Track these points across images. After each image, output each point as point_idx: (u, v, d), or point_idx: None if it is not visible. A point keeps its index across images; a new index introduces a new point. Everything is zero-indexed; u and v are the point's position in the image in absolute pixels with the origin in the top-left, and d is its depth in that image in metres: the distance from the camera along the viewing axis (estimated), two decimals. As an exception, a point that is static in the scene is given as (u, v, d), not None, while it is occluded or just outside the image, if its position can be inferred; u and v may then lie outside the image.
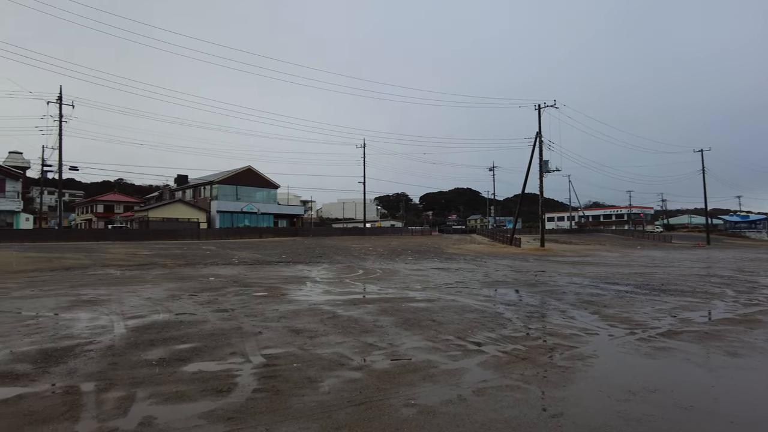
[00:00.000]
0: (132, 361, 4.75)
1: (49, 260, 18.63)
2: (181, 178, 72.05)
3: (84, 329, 6.28)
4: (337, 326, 6.47)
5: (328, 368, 4.51)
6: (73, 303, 8.53)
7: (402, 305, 8.32)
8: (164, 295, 9.62)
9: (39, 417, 3.33)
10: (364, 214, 68.36)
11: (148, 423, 3.23)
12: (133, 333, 6.04)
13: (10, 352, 5.10)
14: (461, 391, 3.91)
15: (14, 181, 50.43)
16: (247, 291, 10.29)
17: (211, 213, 59.73)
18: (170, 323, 6.67)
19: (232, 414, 3.39)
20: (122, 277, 13.37)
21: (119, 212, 74.75)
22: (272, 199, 67.13)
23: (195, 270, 15.61)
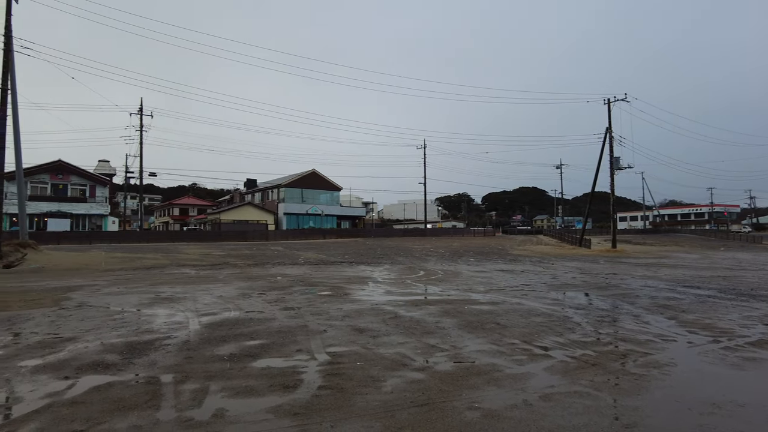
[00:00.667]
0: (205, 355, 5.02)
1: (132, 260, 20.10)
2: (250, 182, 75.27)
3: (163, 324, 6.72)
4: (399, 327, 6.50)
5: (391, 368, 4.54)
6: (153, 300, 9.15)
7: (465, 307, 8.22)
8: (235, 293, 10.09)
9: (126, 404, 3.60)
10: (425, 215, 68.18)
11: (221, 415, 3.40)
12: (206, 329, 6.38)
13: (101, 344, 5.55)
14: (527, 395, 3.81)
15: (103, 187, 54.86)
16: (312, 290, 10.57)
17: (279, 215, 61.89)
18: (241, 320, 6.99)
19: (298, 410, 3.50)
20: (196, 276, 14.17)
21: (193, 215, 79.22)
22: (335, 201, 68.53)
23: (263, 270, 16.24)
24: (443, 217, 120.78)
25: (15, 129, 19.81)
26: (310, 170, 65.79)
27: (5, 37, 18.81)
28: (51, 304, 8.62)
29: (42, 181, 50.01)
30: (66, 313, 7.62)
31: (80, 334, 6.09)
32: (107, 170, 72.93)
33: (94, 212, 52.82)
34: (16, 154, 20.51)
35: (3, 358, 4.94)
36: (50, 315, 7.50)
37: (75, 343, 5.60)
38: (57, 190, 51.60)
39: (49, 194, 50.39)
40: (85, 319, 7.14)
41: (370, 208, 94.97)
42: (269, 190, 67.06)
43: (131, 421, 3.28)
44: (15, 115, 19.56)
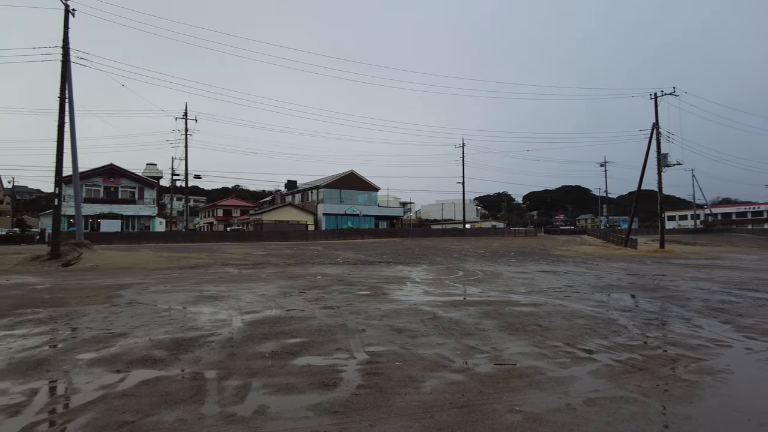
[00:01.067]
0: (248, 353, 5.14)
1: (178, 259, 20.84)
2: (290, 183, 76.65)
3: (207, 322, 6.93)
4: (437, 327, 6.46)
5: (430, 369, 4.52)
6: (197, 298, 9.45)
7: (505, 309, 8.08)
8: (276, 292, 10.29)
9: (172, 398, 3.74)
10: (463, 215, 67.53)
11: (262, 411, 3.47)
12: (248, 327, 6.54)
13: (149, 340, 5.77)
14: (570, 399, 3.71)
15: (151, 189, 57.13)
16: (351, 290, 10.65)
17: (318, 215, 62.74)
18: (282, 318, 7.12)
19: (337, 408, 3.53)
20: (239, 275, 14.55)
21: (236, 216, 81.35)
22: (373, 201, 68.87)
23: (304, 269, 16.50)
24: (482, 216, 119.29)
25: (72, 135, 20.91)
26: (348, 171, 66.36)
27: (63, 49, 19.88)
28: (104, 301, 9.04)
29: (95, 184, 52.56)
30: (117, 310, 7.98)
31: (130, 330, 6.36)
32: (155, 173, 75.87)
33: (142, 213, 55.09)
34: (73, 159, 21.65)
35: (62, 351, 5.22)
36: (103, 311, 7.87)
37: (126, 338, 5.86)
38: (109, 193, 54.13)
39: (101, 196, 52.92)
40: (135, 315, 7.45)
41: (407, 208, 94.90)
42: (309, 191, 68.12)
43: (177, 414, 3.40)
44: (72, 123, 20.64)
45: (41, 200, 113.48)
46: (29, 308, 8.26)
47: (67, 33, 20.03)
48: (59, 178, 19.90)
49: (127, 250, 27.49)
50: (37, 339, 5.88)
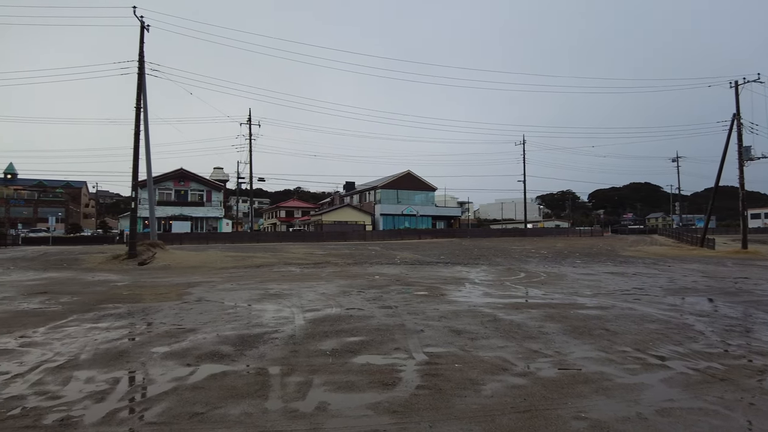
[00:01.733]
0: (309, 350, 5.27)
1: (243, 259, 21.71)
2: (348, 184, 77.86)
3: (271, 319, 7.16)
4: (498, 330, 6.32)
5: (490, 372, 4.43)
6: (262, 296, 9.79)
7: (570, 312, 7.78)
8: (336, 291, 10.48)
9: (238, 392, 3.89)
10: (524, 214, 65.80)
11: (323, 408, 3.54)
12: (310, 324, 6.70)
13: (217, 335, 6.05)
14: (641, 408, 3.50)
15: (218, 192, 59.92)
16: (409, 290, 10.65)
17: (375, 216, 63.28)
18: (341, 317, 7.24)
19: (396, 408, 3.54)
20: (301, 274, 14.94)
21: (298, 217, 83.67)
22: (430, 201, 68.55)
23: (362, 269, 16.70)
24: (545, 216, 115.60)
25: (146, 142, 22.34)
26: (405, 171, 66.45)
27: (139, 63, 21.29)
28: (175, 298, 9.58)
29: (167, 187, 55.81)
30: (188, 307, 8.42)
31: (199, 326, 6.69)
32: (221, 176, 79.52)
33: (210, 215, 57.91)
34: (147, 165, 23.12)
35: (139, 344, 5.58)
36: (175, 308, 8.34)
37: (195, 334, 6.17)
38: (179, 196, 57.32)
39: (173, 199, 56.12)
40: (204, 312, 7.83)
41: (465, 208, 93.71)
42: (366, 191, 68.86)
43: (243, 408, 3.54)
44: (146, 131, 22.07)
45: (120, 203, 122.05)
46: (111, 303, 8.89)
47: (142, 47, 21.42)
48: (135, 182, 21.33)
49: (196, 250, 28.98)
50: (118, 332, 6.32)
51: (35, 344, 5.66)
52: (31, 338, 6.00)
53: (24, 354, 5.20)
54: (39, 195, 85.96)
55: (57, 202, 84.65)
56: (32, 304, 9.01)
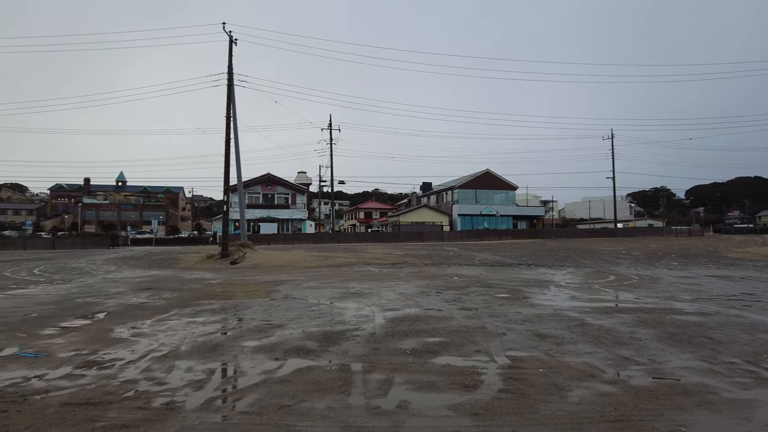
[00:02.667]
0: (390, 348, 5.34)
1: (326, 258, 22.44)
2: (425, 185, 77.81)
3: (352, 317, 7.34)
4: (585, 335, 6.02)
5: (577, 378, 4.23)
6: (343, 294, 10.06)
7: (665, 317, 7.22)
8: (414, 291, 10.52)
9: (322, 387, 4.04)
10: (614, 213, 62.01)
11: (404, 406, 3.58)
12: (390, 323, 6.78)
13: (302, 332, 6.31)
14: (753, 428, 3.18)
15: (302, 195, 62.41)
16: (489, 292, 10.44)
17: (453, 216, 62.70)
18: (420, 317, 7.26)
19: (478, 410, 3.49)
20: (379, 274, 15.17)
21: (376, 218, 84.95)
22: (511, 200, 66.68)
23: (440, 269, 16.62)
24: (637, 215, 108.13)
25: (236, 149, 23.82)
26: (484, 170, 65.19)
27: (228, 75, 22.78)
28: (264, 296, 10.12)
29: (255, 191, 59.06)
30: (275, 304, 8.86)
31: (286, 322, 7.01)
32: (304, 180, 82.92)
33: (295, 217, 60.49)
34: (237, 170, 24.63)
35: (232, 338, 5.97)
36: (263, 304, 8.81)
37: (282, 329, 6.48)
38: (266, 199, 60.44)
39: (260, 202, 59.31)
40: (290, 309, 8.20)
41: (549, 207, 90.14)
42: (443, 192, 68.41)
43: (327, 403, 3.66)
44: (236, 138, 23.52)
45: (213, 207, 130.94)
46: (206, 300, 9.58)
47: (231, 60, 22.89)
48: (227, 187, 22.80)
49: (282, 250, 30.40)
50: (213, 326, 6.79)
51: (143, 335, 6.24)
52: (140, 329, 6.62)
53: (135, 343, 5.75)
54: (144, 200, 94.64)
55: (158, 206, 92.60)
56: (140, 298, 9.93)
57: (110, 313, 8.07)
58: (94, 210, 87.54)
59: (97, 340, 5.96)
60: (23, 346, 5.61)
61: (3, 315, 7.94)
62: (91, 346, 5.60)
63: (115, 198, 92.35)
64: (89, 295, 10.46)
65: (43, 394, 3.95)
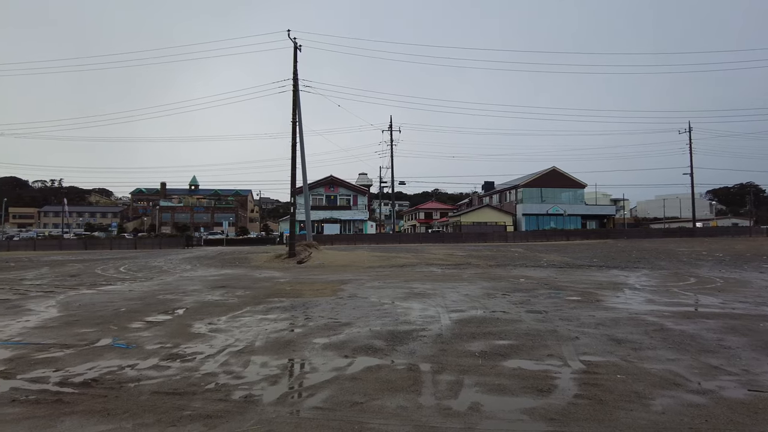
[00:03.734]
0: (458, 350, 5.29)
1: (387, 259, 22.60)
2: (487, 184, 76.42)
3: (417, 317, 7.35)
4: (666, 340, 5.67)
5: (660, 386, 4.00)
6: (407, 294, 10.09)
7: (759, 324, 6.66)
8: (480, 292, 10.36)
9: (392, 386, 4.07)
10: (692, 212, 57.93)
11: (476, 409, 3.54)
12: (456, 325, 6.73)
13: (369, 330, 6.40)
14: None
15: (363, 196, 63.25)
16: (559, 294, 10.09)
17: (517, 216, 61.14)
18: (487, 319, 7.14)
19: (553, 415, 3.39)
20: (442, 274, 15.07)
21: (436, 218, 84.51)
22: (579, 199, 64.06)
23: (505, 271, 16.27)
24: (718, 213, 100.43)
25: (302, 153, 24.54)
26: (550, 168, 63.04)
27: (293, 81, 23.52)
28: (330, 294, 10.35)
29: (318, 193, 60.50)
30: (342, 303, 9.04)
31: (353, 320, 7.14)
32: (365, 182, 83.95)
33: (356, 218, 61.41)
34: (303, 173, 25.39)
35: (302, 335, 6.15)
36: (331, 303, 9.02)
37: (350, 327, 6.60)
38: (329, 200, 61.79)
39: (323, 204, 60.70)
40: (356, 308, 8.34)
41: (620, 206, 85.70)
42: (507, 191, 66.88)
43: (398, 401, 3.69)
44: (301, 142, 24.24)
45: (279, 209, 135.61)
46: (276, 298, 9.94)
47: (296, 66, 23.62)
48: (293, 189, 23.54)
49: (345, 250, 30.97)
50: (284, 323, 7.04)
51: (220, 330, 6.58)
52: (217, 325, 6.98)
53: (212, 338, 6.08)
54: (215, 203, 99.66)
55: (229, 208, 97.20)
56: (215, 296, 10.47)
57: (188, 309, 8.57)
58: (170, 212, 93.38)
59: (178, 334, 6.35)
60: (116, 338, 6.09)
61: (97, 309, 8.65)
62: (173, 340, 5.98)
63: (188, 201, 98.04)
64: (169, 292, 11.16)
65: (135, 383, 4.26)
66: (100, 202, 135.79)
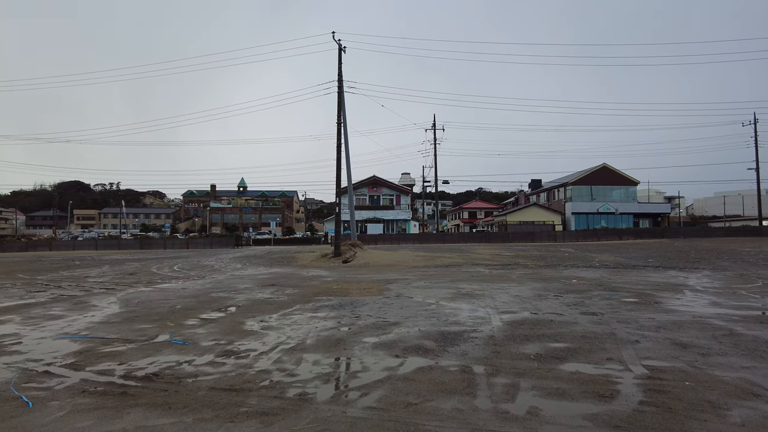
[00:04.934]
0: (511, 352, 5.15)
1: (432, 258, 22.45)
2: (534, 182, 74.67)
3: (467, 318, 7.22)
4: (737, 346, 5.30)
5: (735, 395, 3.73)
6: (455, 295, 9.95)
7: (841, 329, 6.13)
8: (530, 293, 10.09)
9: (446, 387, 4.00)
10: (758, 209, 54.41)
11: (535, 413, 3.41)
12: (508, 327, 6.56)
13: (418, 330, 6.34)
14: None
15: (406, 196, 63.19)
16: (614, 296, 9.68)
17: (566, 215, 59.43)
18: (540, 321, 6.93)
19: (618, 422, 3.22)
20: (490, 275, 14.80)
21: (480, 217, 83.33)
22: (631, 197, 61.55)
23: (555, 271, 15.80)
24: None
25: (346, 153, 24.76)
26: (600, 165, 60.88)
27: (338, 82, 23.77)
28: (377, 293, 10.36)
29: (361, 193, 60.94)
30: (389, 302, 9.02)
31: (402, 320, 7.09)
32: (408, 181, 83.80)
33: (399, 218, 61.43)
34: (348, 173, 25.59)
35: (352, 334, 6.17)
36: (378, 302, 9.02)
37: (399, 327, 6.56)
38: (372, 200, 62.10)
39: (367, 204, 61.07)
40: (404, 307, 8.30)
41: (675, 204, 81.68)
42: (555, 189, 65.10)
43: (453, 404, 3.61)
44: (346, 143, 24.46)
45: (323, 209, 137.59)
46: (324, 296, 10.05)
47: (340, 68, 23.87)
48: (339, 189, 23.77)
49: (389, 249, 31.02)
50: (333, 321, 7.09)
51: (272, 328, 6.70)
52: (268, 323, 7.11)
53: (264, 336, 6.19)
54: (262, 204, 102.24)
55: (275, 209, 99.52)
56: (265, 294, 10.70)
57: (240, 307, 8.78)
58: (220, 213, 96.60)
59: (231, 331, 6.51)
60: (173, 334, 6.31)
61: (154, 306, 9.01)
62: (227, 337, 6.13)
63: (237, 202, 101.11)
64: (221, 290, 11.49)
65: (193, 378, 4.38)
66: (154, 203, 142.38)
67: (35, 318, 7.76)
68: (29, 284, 13.61)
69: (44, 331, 6.69)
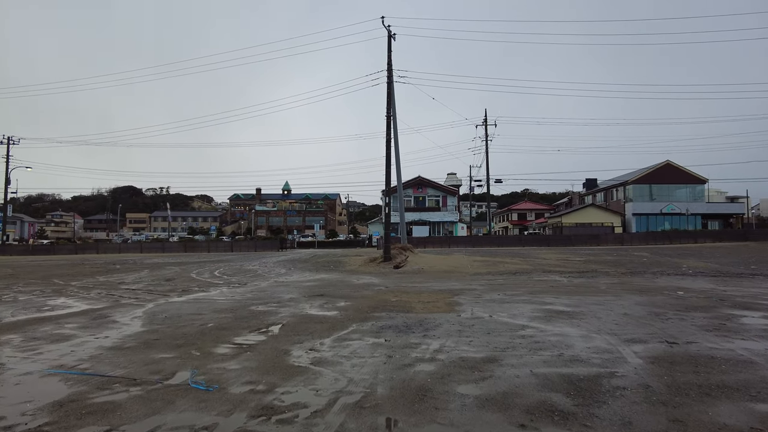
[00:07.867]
0: (701, 421, 3.21)
1: (493, 264, 20.34)
2: (589, 182, 70.80)
3: (586, 351, 5.29)
4: None
5: None
6: (545, 313, 7.98)
7: None
8: (641, 311, 7.99)
9: None
10: None
11: None
12: (654, 366, 4.60)
13: (530, 372, 4.48)
14: None
15: (452, 197, 60.97)
16: (754, 314, 7.45)
17: (626, 216, 55.63)
18: (694, 357, 4.91)
19: None
20: (572, 285, 12.64)
21: (531, 219, 79.94)
22: (698, 196, 57.05)
23: (646, 280, 13.46)
24: None
25: (396, 150, 23.02)
26: (663, 162, 56.69)
27: (388, 71, 22.10)
28: (446, 309, 8.54)
29: (406, 194, 59.13)
30: (467, 323, 7.18)
31: (497, 353, 5.24)
32: (454, 182, 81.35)
33: (446, 219, 59.22)
34: (397, 172, 23.85)
35: (437, 378, 4.35)
36: (453, 322, 7.20)
37: (499, 366, 4.72)
38: (417, 202, 60.20)
39: (412, 205, 59.21)
40: (491, 332, 6.43)
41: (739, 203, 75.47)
42: (613, 188, 61.21)
43: None
44: (396, 138, 22.72)
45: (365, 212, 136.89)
46: (384, 312, 8.31)
47: (390, 56, 22.18)
48: (388, 189, 22.07)
49: (440, 253, 29.06)
50: (404, 352, 5.33)
51: (325, 362, 5.01)
52: (320, 352, 5.44)
53: (317, 377, 4.49)
54: (306, 207, 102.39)
55: (319, 212, 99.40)
56: (314, 307, 9.08)
57: (284, 326, 7.17)
58: (265, 216, 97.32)
59: (273, 367, 4.85)
60: (195, 372, 4.70)
61: (183, 323, 7.54)
62: (266, 377, 4.47)
63: (281, 205, 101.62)
64: (262, 302, 9.97)
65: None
66: (202, 207, 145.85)
67: (37, 340, 6.38)
68: (58, 292, 12.59)
69: (36, 361, 5.24)
